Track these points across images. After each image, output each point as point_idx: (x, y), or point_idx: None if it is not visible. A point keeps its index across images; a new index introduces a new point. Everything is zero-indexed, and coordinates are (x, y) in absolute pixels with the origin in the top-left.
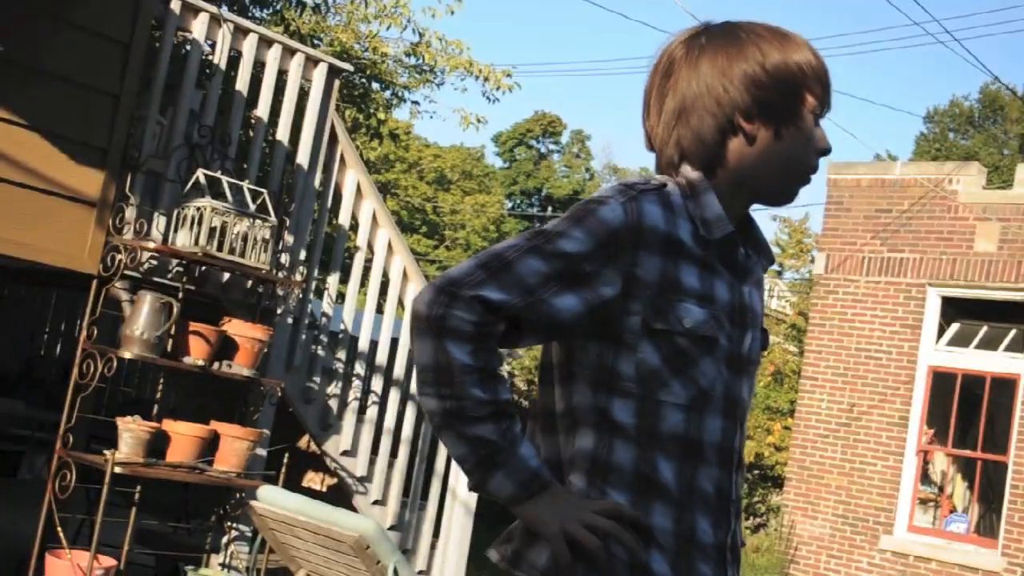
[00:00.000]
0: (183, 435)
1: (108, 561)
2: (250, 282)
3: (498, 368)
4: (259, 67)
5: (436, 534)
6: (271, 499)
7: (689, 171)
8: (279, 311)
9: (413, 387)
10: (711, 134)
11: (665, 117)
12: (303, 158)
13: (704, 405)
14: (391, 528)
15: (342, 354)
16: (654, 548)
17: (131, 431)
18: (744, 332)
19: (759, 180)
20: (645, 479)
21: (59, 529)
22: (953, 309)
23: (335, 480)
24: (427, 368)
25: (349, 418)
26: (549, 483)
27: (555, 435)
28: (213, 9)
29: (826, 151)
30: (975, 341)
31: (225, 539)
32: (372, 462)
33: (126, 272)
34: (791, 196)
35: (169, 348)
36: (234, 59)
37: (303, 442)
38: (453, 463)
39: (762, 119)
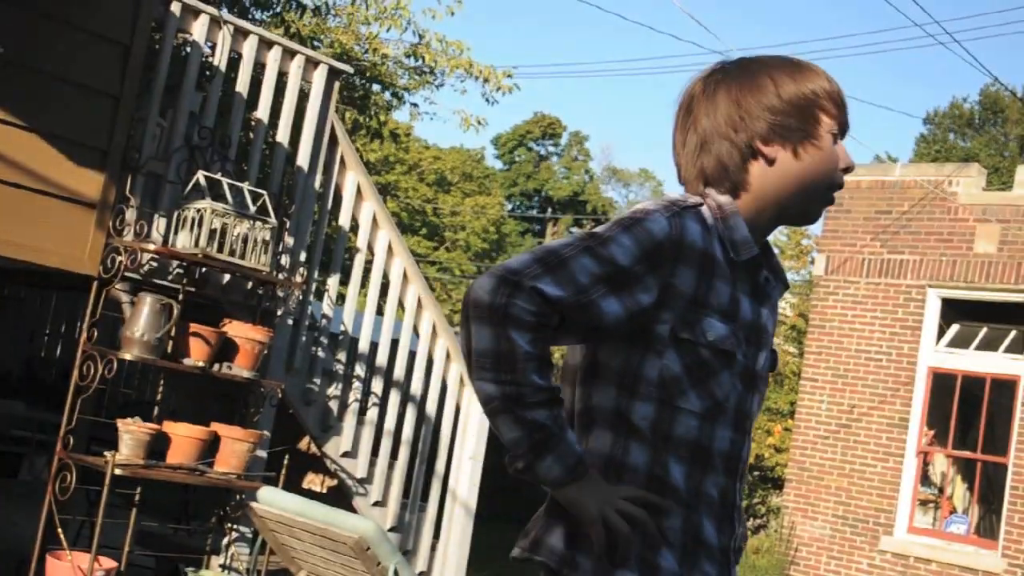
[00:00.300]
0: (183, 437)
1: (108, 563)
2: (250, 284)
3: (551, 355)
4: (259, 69)
5: (436, 535)
6: (271, 500)
7: (717, 195)
8: (279, 313)
9: (413, 388)
10: (732, 159)
11: (688, 149)
12: (303, 160)
13: (717, 415)
14: (391, 529)
15: (342, 356)
16: (663, 545)
17: (131, 433)
18: (759, 351)
19: (782, 200)
20: (658, 480)
21: (59, 530)
22: (953, 310)
23: (335, 482)
24: (487, 354)
25: (349, 420)
26: (588, 468)
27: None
28: (213, 11)
29: (848, 169)
30: (975, 342)
31: (225, 540)
32: (372, 463)
33: (126, 274)
34: (815, 215)
35: (169, 350)
36: (234, 61)
37: (303, 444)
38: (453, 464)
39: (779, 140)
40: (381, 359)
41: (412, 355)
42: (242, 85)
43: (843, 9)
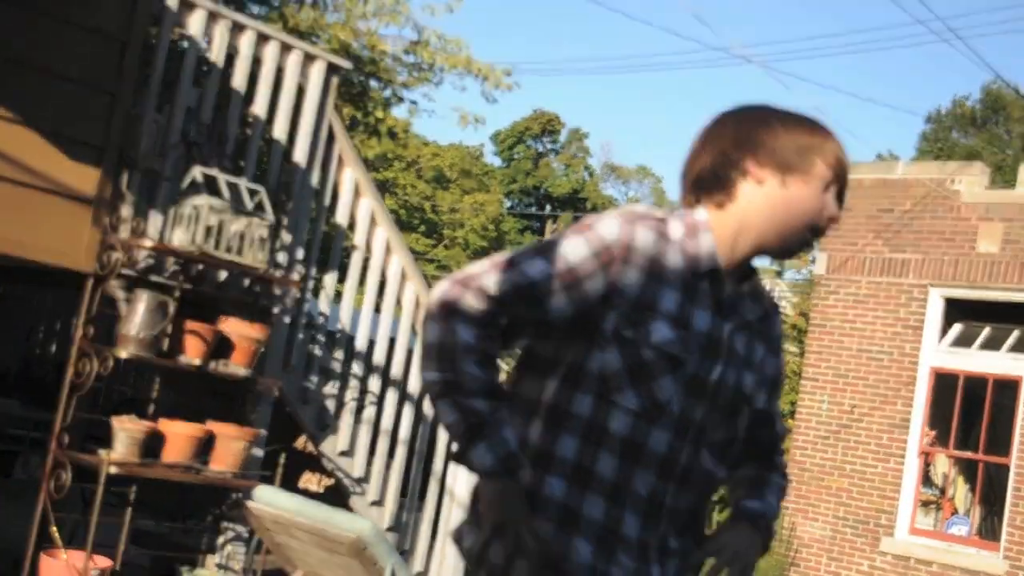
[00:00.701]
0: (179, 435)
1: (104, 561)
2: (247, 281)
3: (497, 356)
4: (257, 64)
5: (434, 535)
6: (268, 499)
7: (698, 213)
8: (276, 310)
9: (411, 387)
10: (724, 171)
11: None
12: (301, 156)
13: (655, 417)
14: (389, 529)
15: (339, 354)
16: (579, 535)
17: (126, 430)
18: (714, 363)
19: (762, 226)
20: (585, 471)
21: (54, 529)
22: (955, 310)
23: (332, 481)
24: (433, 346)
25: (346, 418)
26: (521, 468)
27: (517, 417)
28: (211, 5)
29: (834, 219)
30: (977, 342)
31: (221, 539)
32: (369, 463)
33: (122, 270)
34: (792, 251)
35: (165, 347)
36: (231, 56)
37: (299, 442)
38: (451, 464)
39: (771, 166)
40: (379, 357)
41: (410, 353)
42: (239, 80)
43: (845, 6)
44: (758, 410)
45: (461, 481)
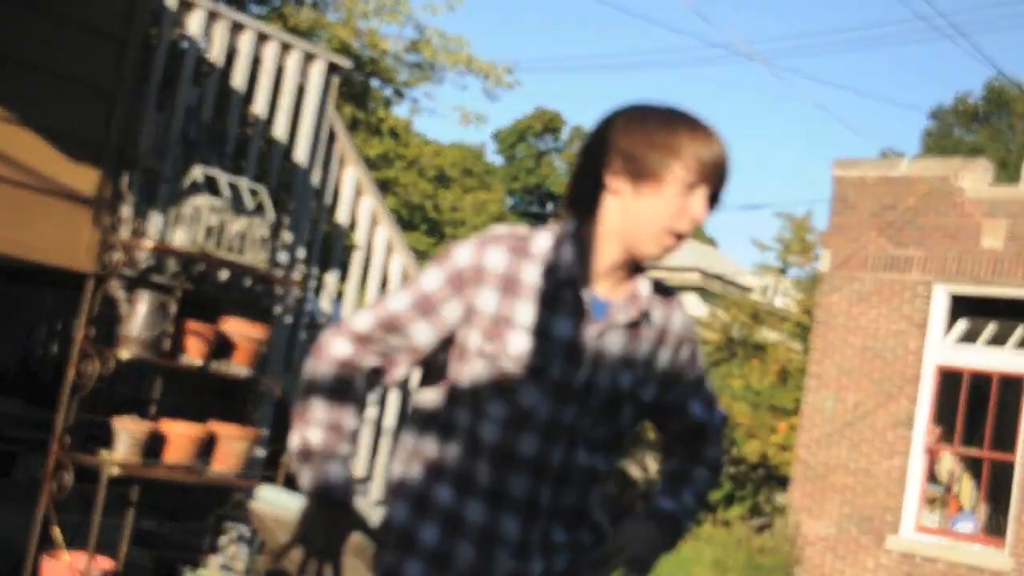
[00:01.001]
0: (181, 435)
1: (106, 563)
2: (248, 281)
3: (353, 398)
4: (257, 64)
5: None
6: (271, 499)
7: (566, 225)
8: (278, 310)
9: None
10: (585, 186)
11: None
12: (301, 155)
13: (522, 424)
14: None
15: None
16: (462, 538)
17: (128, 431)
18: (578, 368)
19: (623, 233)
20: (466, 479)
21: (56, 528)
22: (960, 306)
23: None
24: (301, 379)
25: None
26: (338, 501)
27: (412, 429)
28: (210, 5)
29: (695, 221)
30: (982, 338)
31: (224, 540)
32: (372, 462)
33: (123, 271)
34: (654, 254)
35: (167, 347)
36: (231, 56)
37: None
38: None
39: (624, 175)
40: None
41: None
42: (239, 80)
43: (846, 2)
44: (655, 404)
45: None
